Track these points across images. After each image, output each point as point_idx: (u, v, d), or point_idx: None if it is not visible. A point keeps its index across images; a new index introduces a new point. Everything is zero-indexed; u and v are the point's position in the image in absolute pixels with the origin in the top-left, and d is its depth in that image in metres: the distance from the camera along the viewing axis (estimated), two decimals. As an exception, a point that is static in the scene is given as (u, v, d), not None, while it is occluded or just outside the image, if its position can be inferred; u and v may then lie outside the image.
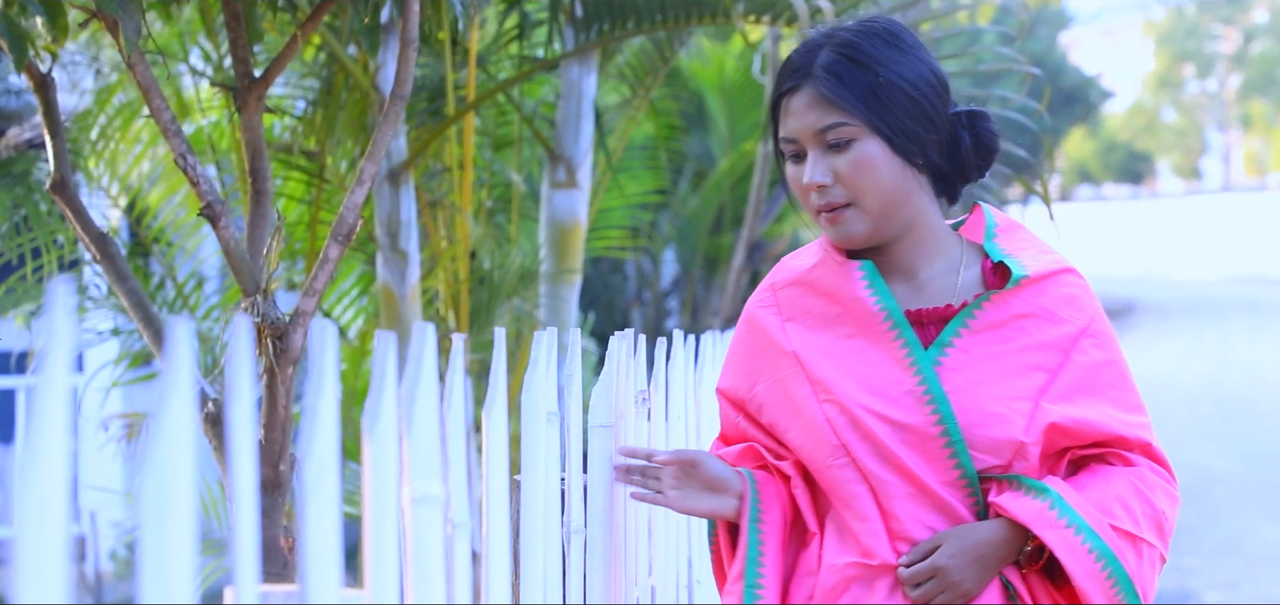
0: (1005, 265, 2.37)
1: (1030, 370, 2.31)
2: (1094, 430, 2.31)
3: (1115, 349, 2.40)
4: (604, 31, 5.62)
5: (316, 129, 5.77)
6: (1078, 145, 52.37)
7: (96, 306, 6.09)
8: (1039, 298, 2.35)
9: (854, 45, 2.32)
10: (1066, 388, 2.31)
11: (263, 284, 3.26)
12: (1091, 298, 2.42)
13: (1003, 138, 5.53)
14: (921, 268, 2.40)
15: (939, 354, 2.31)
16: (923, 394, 2.28)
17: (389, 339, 1.47)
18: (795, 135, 2.34)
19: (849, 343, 2.36)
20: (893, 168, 2.31)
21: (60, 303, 0.89)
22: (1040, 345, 2.32)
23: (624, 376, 2.59)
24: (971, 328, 2.33)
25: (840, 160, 2.30)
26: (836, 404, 2.32)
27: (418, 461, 1.61)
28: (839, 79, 2.30)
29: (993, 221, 2.46)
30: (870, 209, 2.31)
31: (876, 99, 2.29)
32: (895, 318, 2.33)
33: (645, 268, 12.96)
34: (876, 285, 2.35)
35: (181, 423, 1.02)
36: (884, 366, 2.32)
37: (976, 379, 2.29)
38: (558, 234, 6.06)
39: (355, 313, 6.65)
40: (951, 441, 2.27)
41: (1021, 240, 2.44)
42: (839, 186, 2.31)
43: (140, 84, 3.04)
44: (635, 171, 9.69)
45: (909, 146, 2.31)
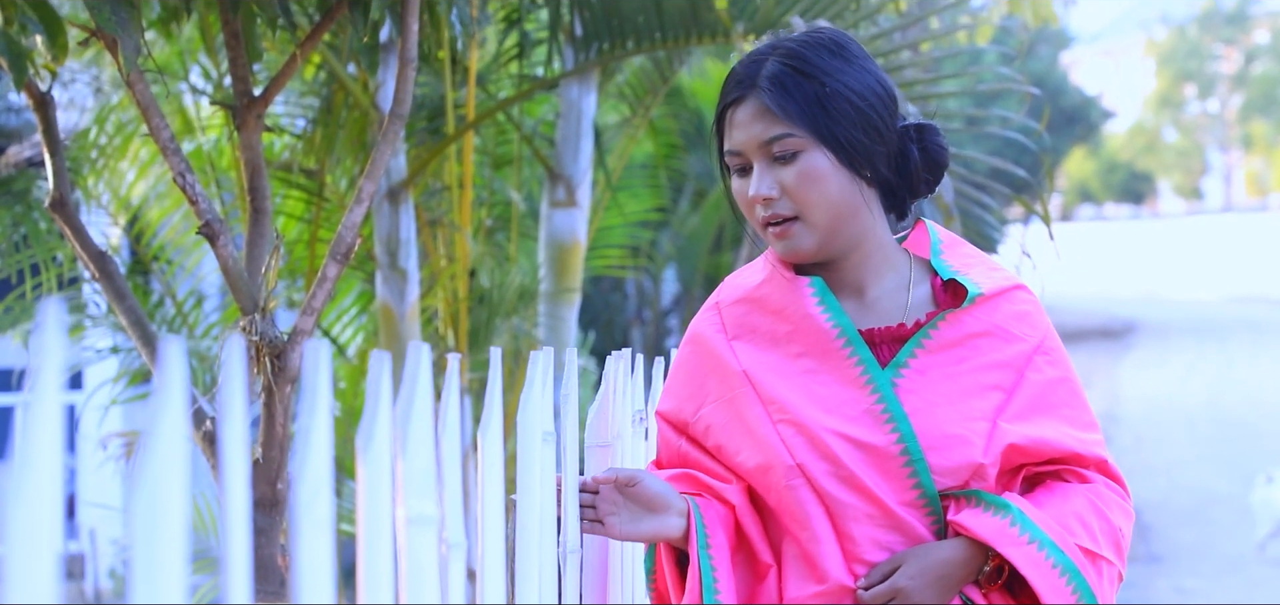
0: (956, 283, 2.34)
1: (986, 389, 2.28)
2: (1051, 448, 2.29)
3: (1067, 365, 2.37)
4: (603, 51, 5.63)
5: (316, 147, 5.77)
6: (1079, 165, 52.40)
7: (96, 324, 6.09)
8: (992, 315, 2.32)
9: (799, 55, 2.28)
10: (1022, 406, 2.29)
11: (261, 302, 3.26)
12: (1042, 314, 2.40)
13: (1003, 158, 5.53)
14: (870, 285, 2.36)
15: (895, 374, 2.27)
16: (881, 413, 2.24)
17: (383, 359, 1.47)
18: (740, 148, 2.30)
19: (799, 361, 2.31)
20: (840, 180, 2.27)
21: (52, 321, 0.89)
22: (995, 364, 2.29)
23: (621, 396, 2.59)
24: (927, 348, 2.29)
25: (786, 173, 2.26)
26: (793, 424, 2.26)
27: (412, 481, 1.61)
28: (784, 89, 2.25)
29: (937, 238, 2.43)
30: (817, 222, 2.27)
31: (822, 110, 2.25)
32: (849, 336, 2.29)
33: (646, 286, 12.97)
34: (828, 302, 2.31)
35: (173, 442, 1.02)
36: (838, 386, 2.28)
37: (934, 399, 2.26)
38: (557, 253, 6.06)
39: (355, 331, 6.65)
40: (912, 460, 2.23)
41: (968, 257, 2.41)
42: (785, 199, 2.27)
43: (139, 102, 3.04)
44: (635, 190, 9.69)
45: (856, 158, 2.26)
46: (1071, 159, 45.99)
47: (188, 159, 3.17)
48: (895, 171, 2.34)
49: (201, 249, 6.16)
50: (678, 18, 5.34)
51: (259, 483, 3.36)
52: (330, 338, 6.55)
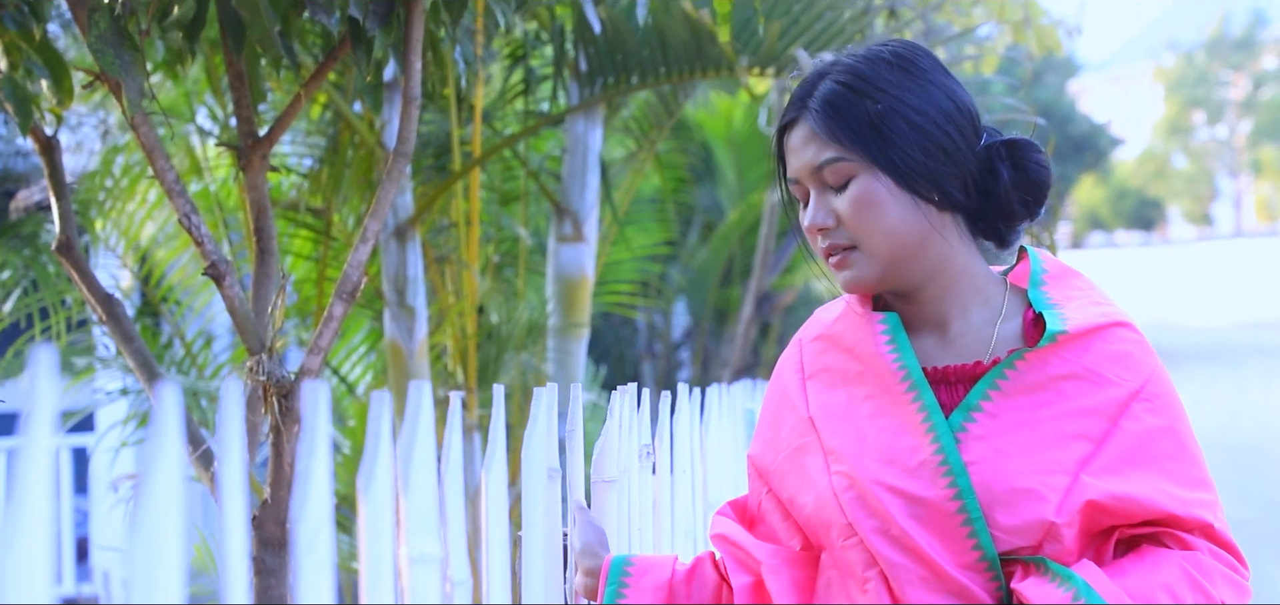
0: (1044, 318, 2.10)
1: (1070, 439, 2.00)
2: (1142, 508, 1.98)
3: (1174, 415, 2.07)
4: (608, 86, 5.64)
5: (323, 186, 5.79)
6: (1088, 192, 52.44)
7: (106, 367, 6.10)
8: (1083, 356, 2.05)
9: (856, 72, 2.11)
10: (1113, 459, 1.99)
11: (268, 342, 3.26)
12: (1148, 355, 2.10)
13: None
14: (954, 319, 2.15)
15: (964, 419, 2.04)
16: (939, 464, 2.01)
17: (384, 398, 1.47)
18: (795, 175, 2.14)
19: (866, 404, 2.11)
20: (901, 206, 2.06)
21: (44, 366, 0.89)
22: (1083, 411, 2.02)
23: (627, 431, 2.58)
24: (1003, 390, 2.05)
25: (840, 199, 2.09)
26: (847, 475, 2.07)
27: (415, 520, 1.61)
28: (834, 110, 2.09)
29: (1040, 267, 2.19)
30: (877, 251, 2.08)
31: (875, 131, 2.07)
32: (914, 377, 2.08)
33: (656, 320, 12.97)
34: (898, 340, 2.12)
35: (170, 484, 1.02)
36: (901, 433, 2.06)
37: (1005, 449, 2.01)
38: (565, 288, 6.06)
39: (364, 369, 6.66)
40: (970, 519, 1.99)
41: (1072, 289, 2.16)
42: (842, 229, 2.09)
43: (144, 144, 3.05)
44: (643, 224, 9.71)
45: (918, 181, 2.06)
46: (1081, 186, 46.04)
47: (193, 200, 3.18)
48: (977, 194, 2.12)
49: (210, 290, 6.18)
50: (682, 52, 5.35)
51: (268, 523, 3.36)
52: (339, 376, 6.56)
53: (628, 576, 2.20)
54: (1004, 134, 2.17)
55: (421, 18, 3.14)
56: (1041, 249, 2.22)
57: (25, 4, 3.16)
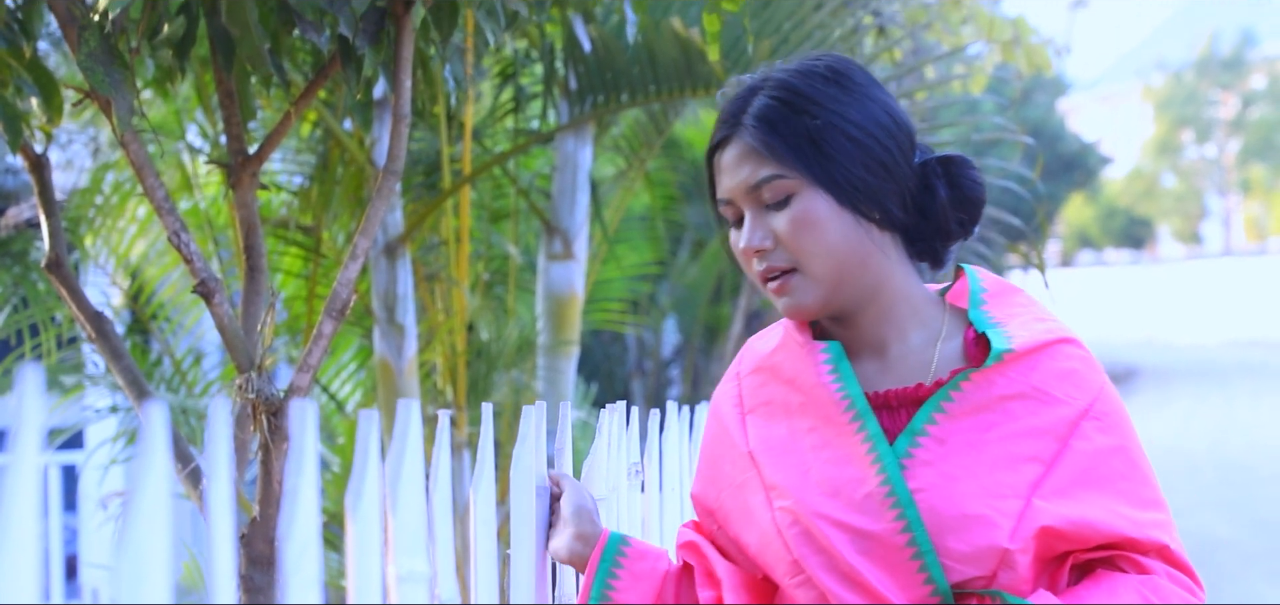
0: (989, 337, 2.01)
1: (1020, 462, 1.93)
2: (1097, 531, 1.92)
3: (1125, 432, 2.00)
4: (598, 104, 5.65)
5: (313, 204, 5.79)
6: (1078, 211, 52.50)
7: (95, 384, 6.09)
8: (1030, 375, 1.98)
9: (790, 87, 2.03)
10: (1064, 481, 1.93)
11: (257, 360, 3.26)
12: (1096, 372, 2.03)
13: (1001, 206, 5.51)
14: (893, 342, 2.07)
15: (910, 444, 1.96)
16: (886, 495, 1.93)
17: (372, 417, 1.47)
18: (730, 195, 2.05)
19: (810, 436, 2.03)
20: (842, 225, 1.99)
21: (30, 385, 0.89)
22: (1032, 431, 1.95)
23: (615, 449, 2.58)
24: (949, 412, 1.97)
25: (779, 219, 2.00)
26: (790, 511, 1.99)
27: (403, 538, 1.61)
28: (771, 127, 2.00)
29: (979, 285, 2.11)
30: (819, 274, 2.00)
31: (815, 147, 1.98)
32: (858, 406, 2.00)
33: (646, 338, 12.96)
34: (841, 368, 2.03)
35: (157, 504, 1.02)
36: (845, 464, 1.98)
37: (953, 473, 1.93)
38: (555, 306, 6.07)
39: (353, 386, 6.65)
40: (920, 552, 1.90)
41: (1013, 306, 2.08)
42: (780, 250, 2.01)
43: (134, 162, 3.05)
44: (634, 242, 9.71)
45: (858, 199, 1.98)
46: (1070, 205, 46.09)
47: (183, 218, 3.18)
48: (915, 212, 2.06)
49: (199, 307, 6.18)
50: (671, 70, 5.36)
51: (257, 540, 3.35)
52: (329, 393, 6.56)
53: (624, 554, 2.14)
54: (936, 151, 2.12)
55: (411, 36, 3.14)
56: (978, 266, 2.16)
57: (15, 21, 3.16)
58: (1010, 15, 7.41)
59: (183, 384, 6.35)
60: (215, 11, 3.13)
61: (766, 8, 5.03)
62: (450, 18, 3.21)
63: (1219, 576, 10.66)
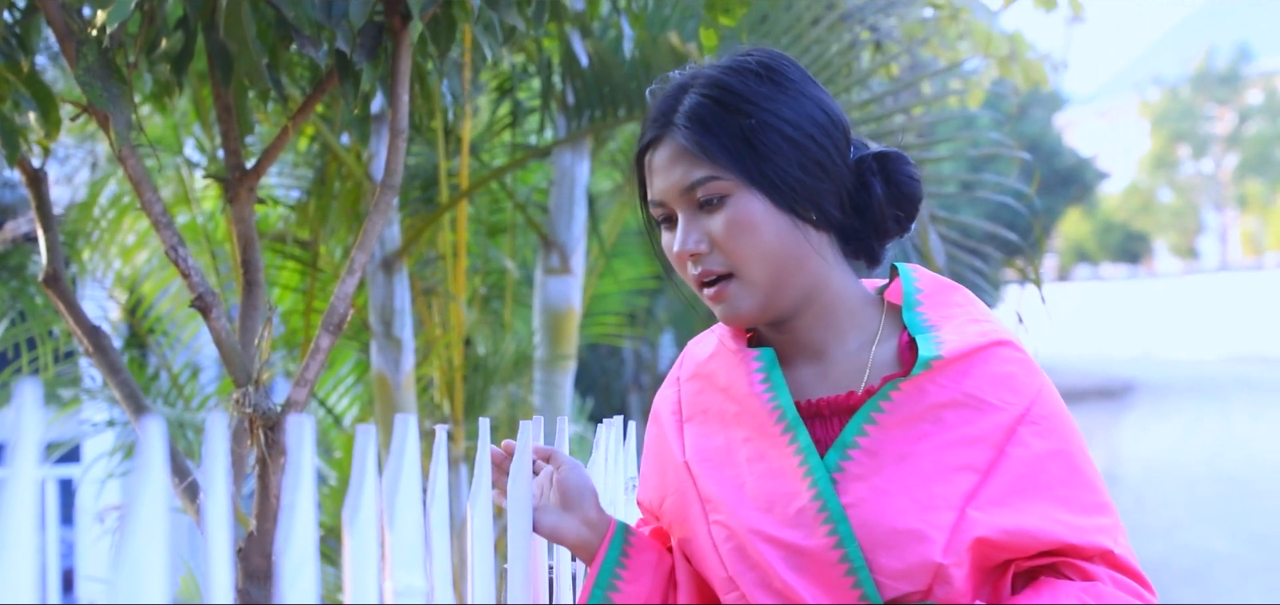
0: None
1: (954, 471, 1.85)
2: (1035, 540, 1.84)
3: (1065, 436, 1.91)
4: (595, 118, 5.65)
5: (310, 218, 5.79)
6: (1075, 225, 52.56)
7: (92, 398, 6.09)
8: (963, 381, 1.90)
9: (721, 84, 1.95)
10: (1000, 490, 1.85)
11: (254, 374, 3.26)
12: (1034, 375, 1.94)
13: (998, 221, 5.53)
14: (831, 345, 2.00)
15: (840, 458, 1.89)
16: (818, 511, 1.87)
17: (369, 432, 1.48)
18: (662, 197, 1.97)
19: (744, 447, 1.97)
20: (778, 226, 1.92)
21: (28, 399, 0.90)
22: (967, 440, 1.87)
23: (612, 463, 2.58)
24: (880, 423, 1.90)
25: (713, 222, 1.93)
26: (725, 526, 1.94)
27: (400, 554, 1.61)
28: (703, 126, 1.93)
29: (913, 284, 2.03)
30: (756, 279, 1.93)
31: (749, 146, 1.91)
32: (789, 417, 1.94)
33: (643, 352, 12.97)
34: (773, 377, 1.97)
35: (154, 518, 1.03)
36: (778, 477, 1.92)
37: (885, 487, 1.86)
38: (552, 320, 6.07)
39: (350, 400, 6.65)
40: (853, 569, 1.84)
41: (950, 307, 2.00)
42: (716, 253, 1.94)
43: (131, 177, 3.05)
44: (631, 256, 9.71)
45: (795, 199, 1.92)
46: (1067, 220, 46.15)
47: (181, 232, 3.18)
48: (852, 211, 1.99)
49: (196, 321, 6.18)
50: (669, 85, 5.36)
51: (254, 555, 3.35)
52: (326, 407, 6.56)
53: (630, 544, 2.07)
54: (871, 147, 2.05)
55: (409, 51, 3.15)
56: (913, 264, 2.08)
57: (13, 36, 3.17)
58: (1007, 30, 7.43)
59: (180, 398, 6.36)
60: (213, 26, 3.14)
61: (763, 23, 5.04)
62: (448, 33, 3.22)
63: (1217, 591, 10.66)
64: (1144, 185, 58.16)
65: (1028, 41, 7.33)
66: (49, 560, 9.00)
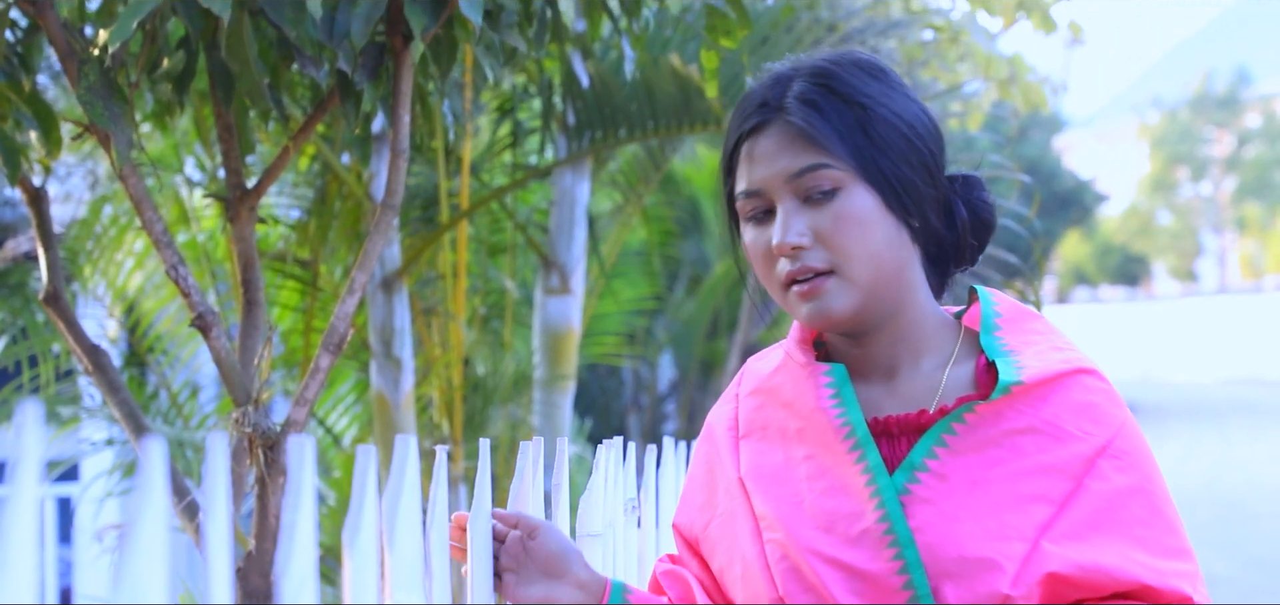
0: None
1: (1028, 501, 1.76)
2: (1112, 578, 1.73)
3: (1146, 472, 1.81)
4: (596, 139, 5.66)
5: (310, 238, 5.80)
6: (1074, 248, 52.58)
7: (91, 417, 6.09)
8: (1042, 408, 1.80)
9: (832, 74, 1.85)
10: (1077, 523, 1.75)
11: (254, 394, 3.26)
12: (1117, 407, 1.84)
13: (997, 243, 5.53)
14: (904, 365, 1.90)
15: (907, 479, 1.80)
16: (883, 533, 1.77)
17: (370, 453, 1.48)
18: (761, 186, 1.84)
19: (806, 464, 1.87)
20: (886, 227, 1.82)
21: (30, 418, 0.90)
22: (1043, 469, 1.77)
23: (612, 484, 2.58)
24: (951, 446, 1.80)
25: (821, 214, 1.80)
26: (780, 544, 1.83)
27: (400, 574, 1.61)
28: (818, 110, 1.81)
29: (992, 308, 1.93)
30: (858, 278, 1.81)
31: (866, 137, 1.81)
32: (859, 433, 1.83)
33: (642, 372, 12.97)
34: (843, 394, 1.87)
35: (154, 538, 1.02)
36: (841, 495, 1.82)
37: (955, 512, 1.77)
38: (551, 340, 6.07)
39: (350, 420, 6.65)
40: (918, 597, 1.75)
41: (1029, 333, 1.90)
42: (819, 248, 1.81)
43: (132, 195, 3.05)
44: (630, 277, 9.73)
45: (906, 202, 1.82)
46: (1066, 242, 46.19)
47: (181, 251, 3.19)
48: (944, 226, 1.90)
49: (196, 340, 6.18)
50: (669, 106, 5.38)
51: (252, 574, 3.35)
52: (325, 427, 6.56)
53: (628, 596, 1.96)
54: (953, 170, 1.95)
55: (410, 71, 3.15)
56: (992, 289, 1.99)
57: (15, 55, 3.17)
58: (1007, 53, 7.44)
59: (179, 417, 6.36)
60: (215, 46, 3.14)
61: (764, 45, 5.05)
62: (449, 53, 3.22)
63: (1215, 615, 10.64)
64: (1143, 208, 58.20)
65: (1027, 64, 7.34)
66: (47, 579, 9.00)
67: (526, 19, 3.22)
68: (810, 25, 5.15)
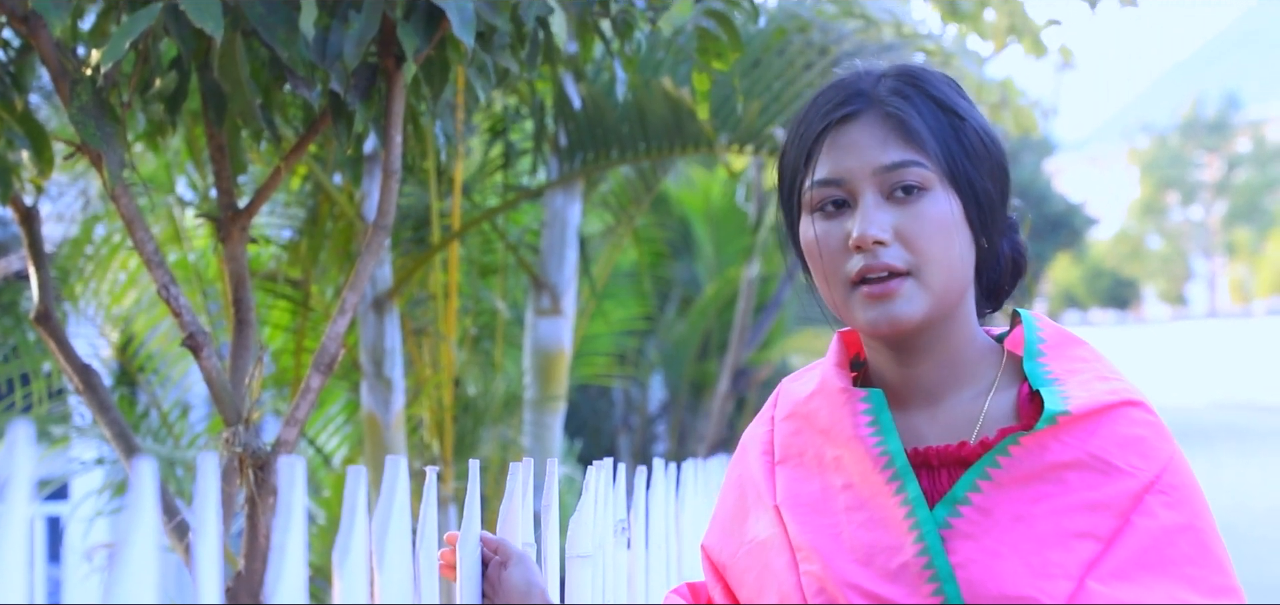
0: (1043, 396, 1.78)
1: (1074, 538, 1.69)
2: None
3: (1196, 509, 1.75)
4: (588, 161, 5.67)
5: (302, 258, 5.80)
6: (1064, 271, 52.67)
7: (81, 436, 6.09)
8: (1089, 441, 1.73)
9: (926, 78, 1.81)
10: (1124, 562, 1.69)
11: (245, 413, 3.26)
12: (1165, 441, 1.78)
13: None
14: (947, 391, 1.84)
15: (949, 514, 1.74)
16: (923, 568, 1.72)
17: (360, 474, 1.48)
18: (845, 174, 1.77)
19: (844, 494, 1.81)
20: (963, 238, 1.77)
21: (21, 438, 0.90)
22: (1090, 505, 1.71)
23: (602, 506, 2.58)
24: (996, 479, 1.74)
25: (905, 213, 1.75)
26: (817, 577, 1.77)
27: (389, 594, 1.61)
28: (916, 108, 1.77)
29: (1036, 334, 1.86)
30: (933, 284, 1.75)
31: (958, 142, 1.77)
32: (898, 464, 1.78)
33: (633, 393, 12.97)
34: (881, 421, 1.81)
35: (144, 557, 1.03)
36: (880, 528, 1.76)
37: (998, 549, 1.71)
38: (542, 361, 6.07)
39: (340, 440, 6.65)
40: None
41: (1074, 360, 1.83)
42: (897, 247, 1.74)
43: (124, 215, 3.06)
44: (621, 297, 9.74)
45: (984, 214, 1.78)
46: (1057, 265, 46.25)
47: (172, 271, 3.19)
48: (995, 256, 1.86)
49: (187, 360, 6.18)
50: (661, 128, 5.39)
51: (242, 594, 3.35)
52: (316, 447, 6.55)
53: None
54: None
55: (402, 92, 3.16)
56: (1036, 313, 1.92)
57: (7, 74, 3.18)
58: (998, 77, 7.46)
59: (170, 436, 6.35)
60: (207, 66, 3.15)
61: (756, 68, 5.06)
62: (441, 74, 3.23)
63: (1205, 639, 10.64)
64: (1133, 232, 58.34)
65: (1018, 88, 7.37)
66: (36, 598, 8.97)
67: (519, 41, 3.23)
68: (802, 49, 5.17)
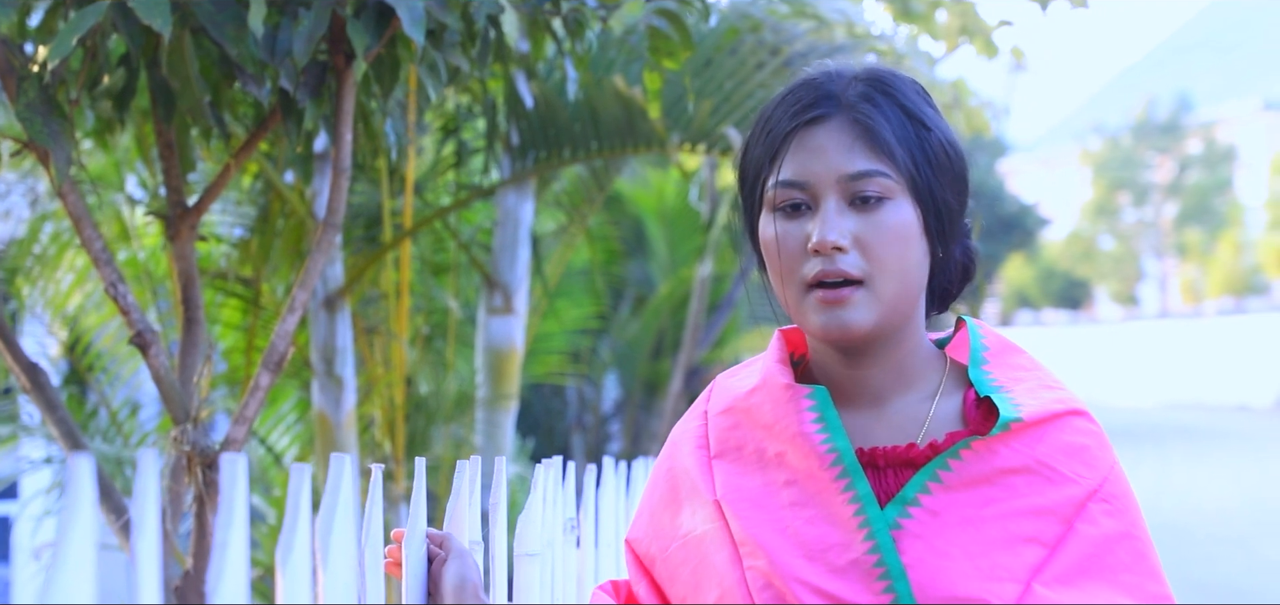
0: (991, 401, 1.82)
1: (1020, 542, 1.73)
2: None
3: (1133, 518, 1.80)
4: (540, 159, 5.67)
5: (253, 256, 5.78)
6: (1017, 271, 52.97)
7: (29, 435, 6.04)
8: (1036, 448, 1.78)
9: (895, 85, 1.82)
10: (1068, 567, 1.73)
11: (193, 412, 3.25)
12: (1106, 450, 1.83)
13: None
14: (894, 394, 1.86)
15: (898, 515, 1.75)
16: (873, 565, 1.73)
17: (303, 471, 1.48)
18: (810, 178, 1.78)
19: (788, 490, 1.80)
20: (919, 249, 1.80)
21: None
22: (1035, 510, 1.75)
23: (551, 504, 2.58)
24: (945, 483, 1.76)
25: (865, 221, 1.77)
26: (763, 573, 1.77)
27: (333, 592, 1.61)
28: (885, 117, 1.78)
29: (980, 341, 1.89)
30: (885, 294, 1.78)
31: (924, 154, 1.79)
32: (846, 461, 1.78)
33: (587, 393, 12.97)
34: (827, 419, 1.81)
35: (82, 555, 1.03)
36: (828, 525, 1.77)
37: (947, 551, 1.73)
38: (494, 360, 6.07)
39: (291, 439, 6.63)
40: None
41: (1016, 368, 1.87)
42: (855, 254, 1.76)
43: (71, 213, 3.04)
44: (575, 297, 9.74)
45: (942, 227, 1.81)
46: (1010, 265, 46.49)
47: (121, 269, 3.18)
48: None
49: (136, 358, 6.14)
50: (613, 127, 5.39)
51: (190, 593, 3.34)
52: (267, 446, 6.53)
53: None
54: None
55: (353, 90, 3.16)
56: (979, 319, 1.95)
57: (-47, 70, 3.16)
58: (950, 78, 7.50)
59: (119, 435, 6.31)
60: (155, 63, 3.14)
61: (707, 67, 5.08)
62: (392, 72, 3.23)
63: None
64: (1085, 232, 58.71)
65: (970, 89, 7.41)
66: (-17, 598, 8.91)
67: (469, 39, 3.23)
68: (753, 48, 5.18)
